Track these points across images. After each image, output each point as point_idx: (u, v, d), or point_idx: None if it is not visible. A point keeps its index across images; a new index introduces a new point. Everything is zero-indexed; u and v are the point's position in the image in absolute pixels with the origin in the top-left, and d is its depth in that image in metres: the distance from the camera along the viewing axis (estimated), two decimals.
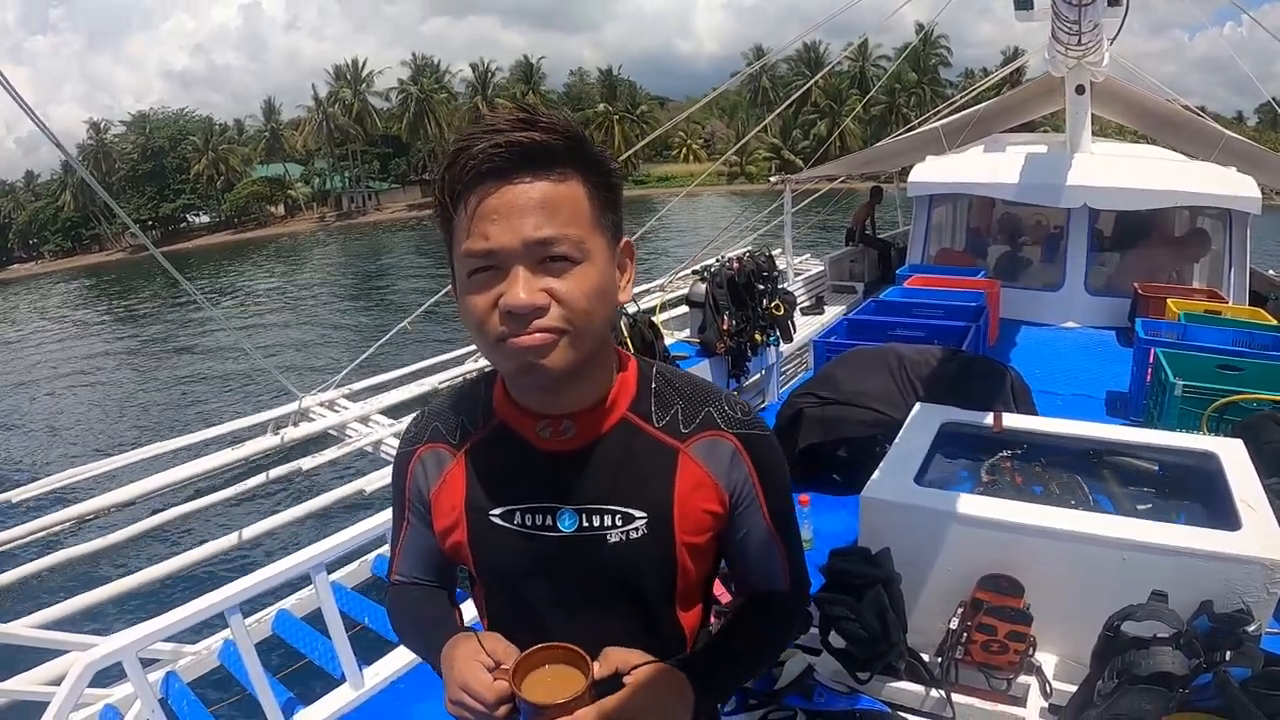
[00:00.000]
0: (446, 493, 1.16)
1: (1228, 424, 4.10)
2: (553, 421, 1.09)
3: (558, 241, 0.93)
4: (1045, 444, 3.26)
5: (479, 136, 0.93)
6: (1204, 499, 2.84)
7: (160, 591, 5.88)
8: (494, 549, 1.13)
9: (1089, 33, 5.85)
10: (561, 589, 1.12)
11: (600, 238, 0.99)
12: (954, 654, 2.46)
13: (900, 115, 55.39)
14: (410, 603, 1.28)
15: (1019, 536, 2.53)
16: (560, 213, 0.94)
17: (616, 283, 1.04)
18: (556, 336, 0.95)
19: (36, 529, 5.47)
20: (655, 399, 1.14)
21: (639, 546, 1.09)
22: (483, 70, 72.39)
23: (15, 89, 3.87)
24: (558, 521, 1.10)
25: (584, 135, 0.98)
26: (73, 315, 33.80)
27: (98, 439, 14.00)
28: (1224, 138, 8.17)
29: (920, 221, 9.19)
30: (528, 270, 0.93)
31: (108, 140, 67.04)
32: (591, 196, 0.98)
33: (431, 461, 1.18)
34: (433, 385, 7.69)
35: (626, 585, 1.12)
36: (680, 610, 1.19)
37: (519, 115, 0.94)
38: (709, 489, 1.11)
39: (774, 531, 1.19)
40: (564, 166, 0.95)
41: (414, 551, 1.27)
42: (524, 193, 0.93)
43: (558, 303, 0.94)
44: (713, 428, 1.12)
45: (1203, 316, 6.01)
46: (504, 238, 0.92)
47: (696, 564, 1.15)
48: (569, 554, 1.10)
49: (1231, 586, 2.24)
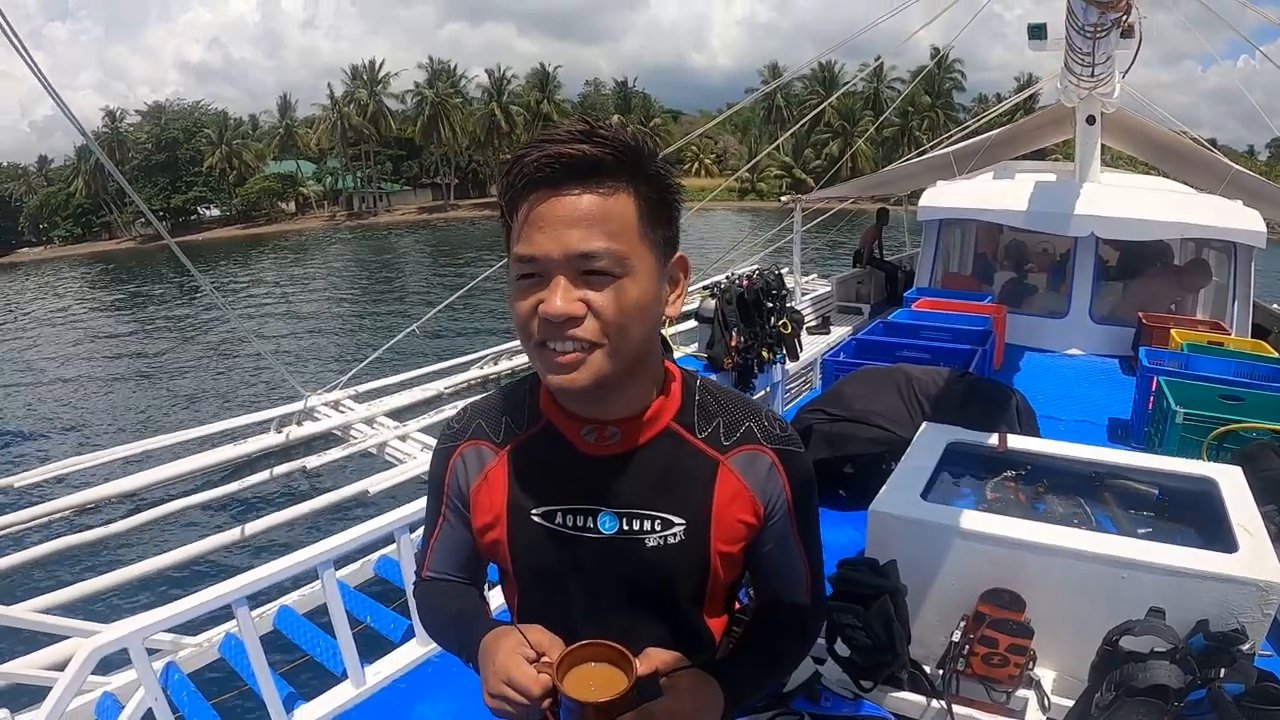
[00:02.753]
0: (487, 490, 1.19)
1: (1227, 452, 4.16)
2: (598, 427, 1.12)
3: (598, 256, 0.96)
4: (1048, 465, 3.31)
5: (538, 145, 0.97)
6: (1202, 523, 2.89)
7: (160, 583, 5.91)
8: (533, 548, 1.16)
9: (1101, 64, 5.94)
10: (597, 589, 1.16)
11: (647, 252, 1.01)
12: (955, 666, 2.51)
13: (913, 138, 55.51)
14: (444, 597, 1.29)
15: (1022, 553, 2.59)
16: (604, 226, 0.96)
17: (662, 297, 1.06)
18: (588, 352, 0.99)
19: (39, 515, 5.49)
20: (699, 411, 1.17)
21: (676, 552, 1.13)
22: (498, 77, 72.47)
23: (43, 73, 3.93)
24: (598, 524, 1.13)
25: (641, 149, 1.00)
26: (81, 302, 33.86)
27: (102, 427, 14.07)
28: (1231, 171, 8.24)
29: (929, 245, 9.26)
30: (568, 280, 0.97)
31: (122, 129, 67.08)
32: (641, 211, 1.00)
33: (473, 458, 1.21)
34: (438, 389, 7.74)
35: (660, 588, 1.15)
36: (707, 615, 1.22)
37: (577, 127, 0.97)
38: (746, 500, 1.15)
39: (801, 546, 1.23)
40: (614, 180, 0.98)
41: (448, 548, 1.28)
42: (571, 204, 0.96)
43: (594, 314, 0.97)
44: (753, 442, 1.16)
45: (1205, 347, 6.08)
46: (548, 247, 0.96)
47: (727, 571, 1.18)
48: (607, 556, 1.13)
49: (1227, 607, 2.31)
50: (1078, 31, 5.18)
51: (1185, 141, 9.39)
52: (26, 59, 3.74)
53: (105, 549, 6.34)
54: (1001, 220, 8.45)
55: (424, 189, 76.67)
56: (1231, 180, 8.10)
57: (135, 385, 17.44)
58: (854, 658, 2.44)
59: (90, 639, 2.85)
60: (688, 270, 1.12)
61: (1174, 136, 9.36)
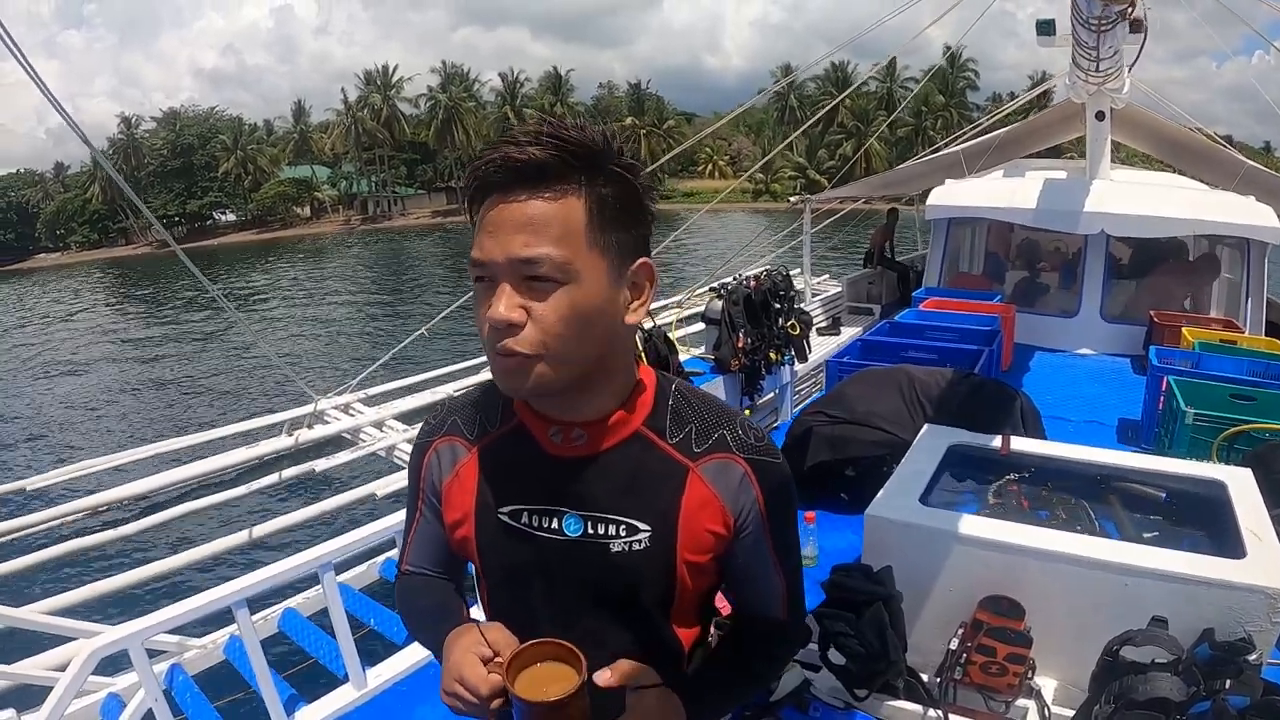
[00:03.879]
0: (458, 487, 1.19)
1: (1238, 453, 4.09)
2: (564, 428, 1.10)
3: (539, 262, 0.94)
4: (1052, 468, 3.26)
5: (492, 148, 0.96)
6: (1210, 527, 2.84)
7: (169, 585, 5.94)
8: (500, 546, 1.15)
9: (1108, 59, 5.87)
10: (562, 591, 1.14)
11: (596, 258, 0.98)
12: (953, 674, 2.46)
13: (926, 137, 55.27)
14: (418, 591, 1.30)
15: (1021, 559, 2.54)
16: (547, 232, 0.94)
17: (616, 304, 1.03)
18: (529, 359, 0.97)
19: (51, 517, 5.51)
20: (671, 416, 1.14)
21: (641, 558, 1.10)
22: (511, 80, 72.90)
23: (46, 85, 3.94)
24: (563, 525, 1.11)
25: (599, 152, 0.97)
26: (96, 307, 34.18)
27: (116, 430, 14.18)
28: (1244, 167, 8.15)
29: (938, 245, 9.20)
30: (512, 287, 0.96)
31: (138, 135, 67.87)
32: (592, 216, 0.97)
33: (447, 454, 1.21)
34: (447, 393, 7.69)
35: (626, 594, 1.13)
36: (677, 625, 1.20)
37: (532, 129, 0.95)
38: (715, 510, 1.11)
39: (776, 560, 1.20)
40: (564, 183, 0.95)
41: (424, 542, 1.29)
42: (516, 210, 0.94)
43: (533, 322, 0.96)
44: (725, 450, 1.12)
45: (1218, 346, 6.00)
46: (494, 252, 0.95)
47: (696, 581, 1.15)
48: (572, 558, 1.11)
49: (1234, 615, 2.24)
50: (1083, 25, 5.13)
51: (1198, 137, 9.30)
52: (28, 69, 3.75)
53: (117, 551, 6.40)
54: (1010, 219, 8.38)
55: (438, 193, 76.99)
56: (1245, 176, 8.00)
57: (148, 389, 17.56)
58: (848, 666, 2.38)
59: (90, 640, 2.86)
60: (653, 276, 1.07)
61: (1186, 132, 9.26)
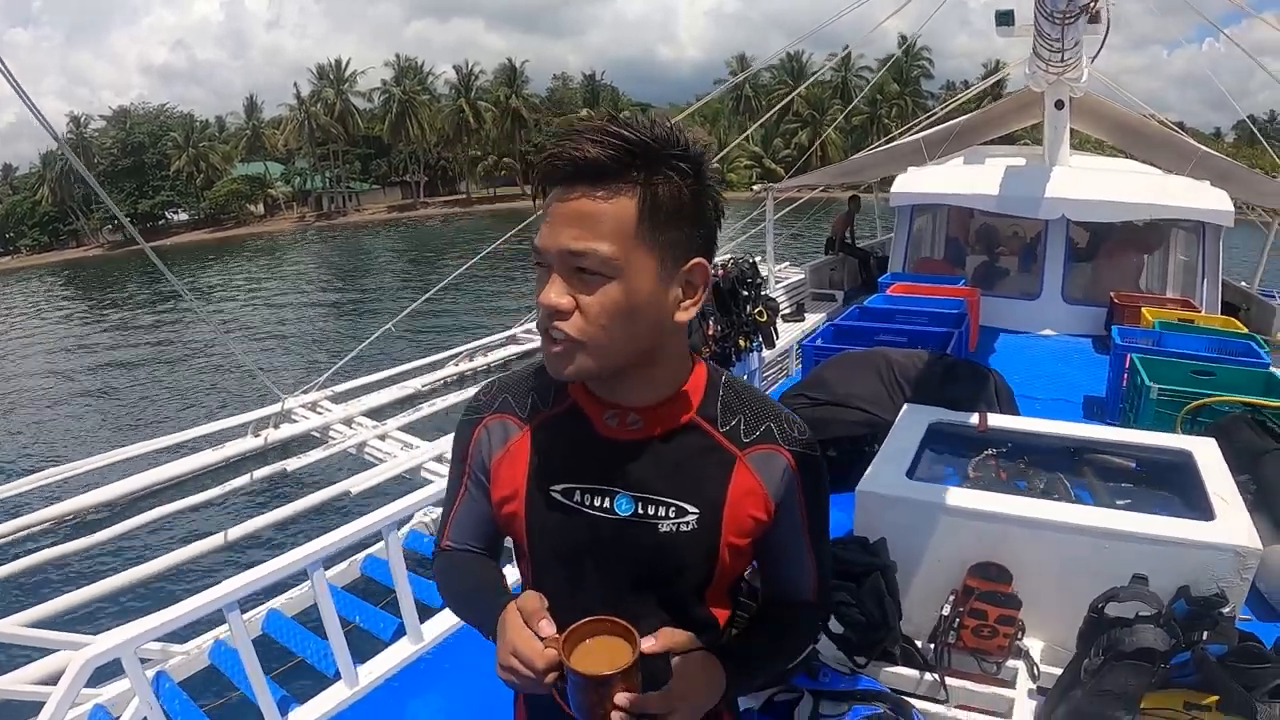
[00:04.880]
0: (509, 463, 1.22)
1: (1201, 425, 4.21)
2: (620, 412, 1.16)
3: (585, 256, 1.00)
4: (1028, 443, 3.36)
5: (557, 142, 1.01)
6: (1180, 493, 2.96)
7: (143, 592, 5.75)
8: (549, 523, 1.19)
9: (1070, 50, 6.02)
10: (609, 569, 1.18)
11: (645, 256, 1.02)
12: (946, 639, 2.56)
13: (882, 126, 55.80)
14: (464, 568, 1.32)
15: (1007, 526, 2.64)
16: (596, 228, 0.99)
17: (664, 300, 1.07)
18: (569, 347, 1.04)
19: (14, 529, 5.34)
20: (721, 407, 1.20)
21: (687, 539, 1.16)
22: (466, 73, 72.14)
23: (18, 82, 3.88)
24: (615, 505, 1.16)
25: (657, 154, 1.01)
26: (50, 312, 33.35)
27: (76, 438, 13.87)
28: (1198, 153, 8.38)
29: (902, 231, 9.32)
30: (562, 276, 1.02)
31: (88, 134, 66.14)
32: (644, 215, 1.01)
33: (498, 431, 1.24)
34: (415, 388, 7.68)
35: (670, 573, 1.18)
36: (712, 604, 1.25)
37: (597, 125, 1.00)
38: (759, 497, 1.18)
39: (810, 545, 1.27)
40: (619, 181, 0.99)
41: (468, 519, 1.31)
42: (571, 204, 1.00)
43: (580, 312, 1.02)
44: (772, 442, 1.19)
45: (1177, 325, 6.17)
46: (548, 241, 1.02)
47: (734, 563, 1.21)
48: (621, 537, 1.16)
49: (1208, 572, 2.37)
50: (1047, 18, 5.26)
51: (1153, 124, 9.54)
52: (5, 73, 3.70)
53: (84, 561, 6.21)
54: (975, 205, 8.53)
55: (393, 187, 76.25)
56: (1199, 162, 8.23)
57: (108, 393, 17.22)
58: (848, 634, 2.47)
59: (82, 650, 2.82)
60: (707, 277, 1.12)
61: (1141, 119, 9.50)
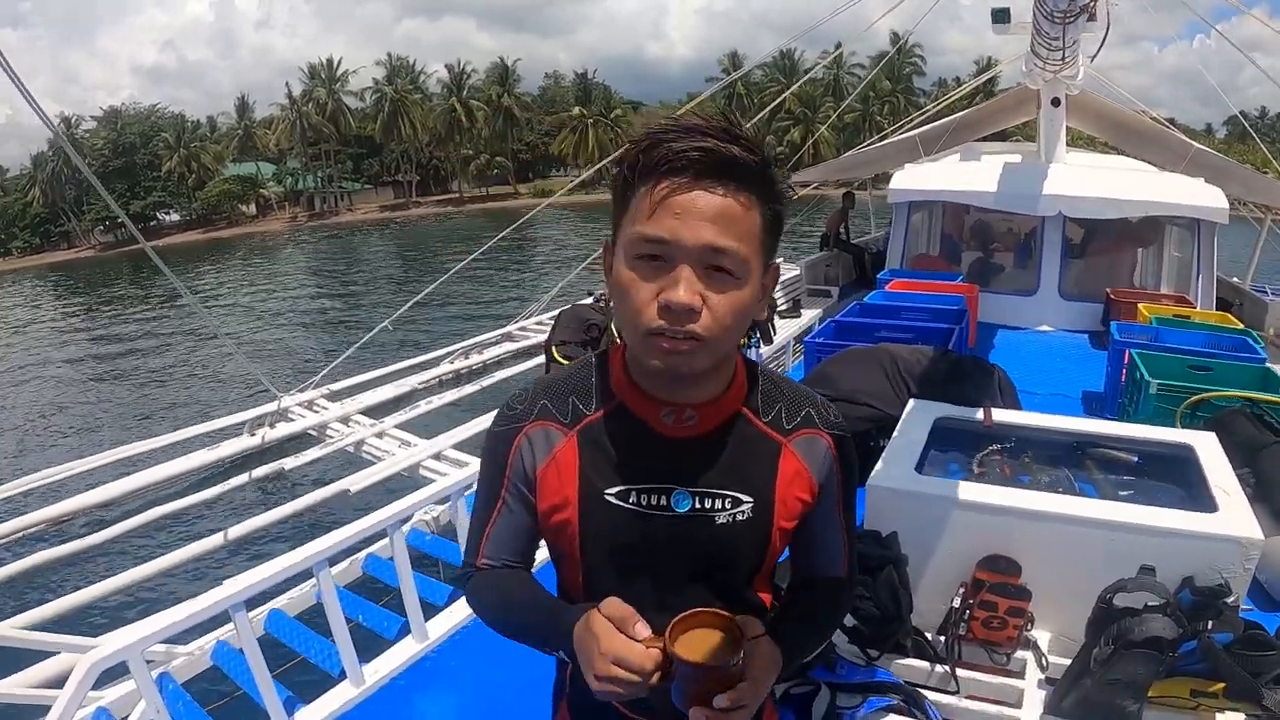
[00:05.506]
0: (555, 472, 1.20)
1: (1200, 419, 4.27)
2: (677, 409, 1.17)
3: (728, 254, 1.00)
4: (1033, 438, 3.40)
5: (679, 134, 1.00)
6: (1182, 486, 3.01)
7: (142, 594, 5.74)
8: (605, 528, 1.19)
9: (1069, 49, 6.07)
10: (665, 566, 1.20)
11: (759, 263, 1.06)
12: (957, 631, 2.60)
13: (874, 123, 55.75)
14: (512, 586, 1.27)
15: (1016, 520, 2.68)
16: (737, 228, 1.01)
17: (761, 304, 1.12)
18: (696, 346, 1.03)
19: (10, 531, 5.34)
20: (762, 397, 1.24)
21: (743, 528, 1.19)
22: (458, 72, 72.06)
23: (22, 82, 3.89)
24: (673, 502, 1.18)
25: (771, 162, 1.05)
26: (42, 313, 33.22)
27: (71, 439, 13.86)
28: (1192, 150, 8.45)
29: (899, 227, 9.35)
30: (693, 272, 1.01)
31: (79, 135, 65.68)
32: (765, 221, 1.05)
33: (540, 439, 1.22)
34: (411, 385, 7.72)
35: (724, 563, 1.21)
36: (759, 589, 1.29)
37: (722, 125, 1.01)
38: (805, 480, 1.23)
39: (843, 522, 1.32)
40: (749, 185, 1.02)
41: (507, 534, 1.28)
42: (711, 200, 1.00)
43: (708, 310, 1.02)
44: (812, 426, 1.24)
45: (1173, 320, 6.23)
46: (683, 234, 0.99)
47: (781, 546, 1.26)
48: (679, 533, 1.18)
49: (1211, 563, 2.42)
50: (1047, 17, 5.29)
51: (1146, 121, 9.62)
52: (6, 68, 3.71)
53: (82, 562, 6.15)
54: (972, 201, 8.56)
55: (385, 187, 76.08)
56: (1192, 158, 8.29)
57: (103, 395, 17.19)
58: (860, 628, 2.52)
59: (89, 653, 2.80)
60: (777, 278, 1.18)
61: (1135, 116, 9.57)
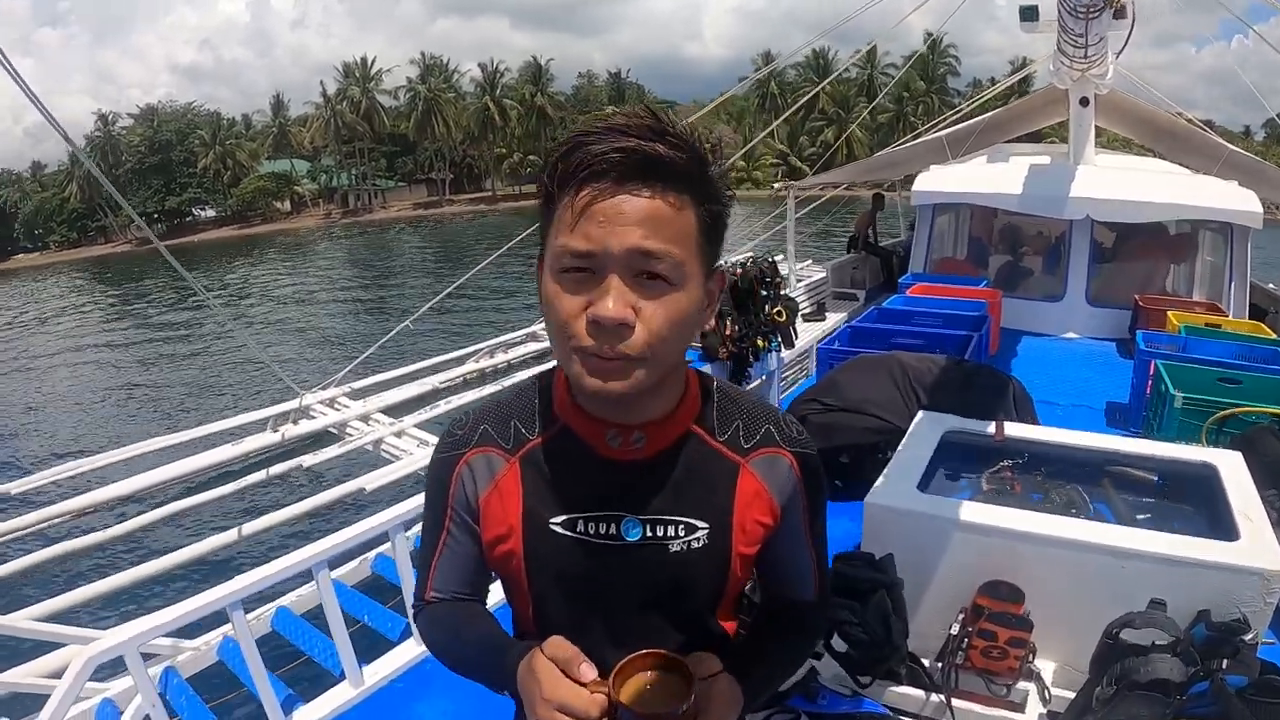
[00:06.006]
0: (499, 500, 1.13)
1: (1227, 436, 4.13)
2: (623, 431, 1.08)
3: (660, 258, 0.91)
4: (1046, 454, 3.29)
5: (601, 134, 0.91)
6: (1202, 510, 2.88)
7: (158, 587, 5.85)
8: (551, 559, 1.11)
9: (1094, 45, 5.90)
10: (618, 597, 1.12)
11: (699, 267, 0.97)
12: (954, 659, 2.48)
13: (908, 123, 55.29)
14: (459, 621, 1.21)
15: (1020, 544, 2.57)
16: (667, 230, 0.92)
17: (705, 311, 1.03)
18: (630, 363, 0.93)
19: (34, 522, 5.38)
20: (718, 414, 1.15)
21: (699, 556, 1.10)
22: (491, 70, 72.41)
23: (26, 83, 3.88)
24: (622, 531, 1.09)
25: (707, 158, 0.96)
26: (76, 307, 33.75)
27: (98, 431, 14.00)
28: (1226, 152, 8.21)
29: (923, 230, 9.22)
30: (622, 281, 0.91)
31: (115, 132, 67.00)
32: (701, 221, 0.96)
33: (482, 466, 1.14)
34: (433, 385, 7.69)
35: (681, 593, 1.13)
36: (722, 618, 1.21)
37: (648, 122, 0.92)
38: (764, 501, 1.13)
39: (811, 545, 1.23)
40: (680, 185, 0.93)
41: (453, 566, 1.21)
42: (637, 202, 0.90)
43: (642, 323, 0.92)
44: (772, 444, 1.15)
45: (1203, 329, 6.05)
46: (608, 241, 0.90)
47: (744, 573, 1.17)
48: (631, 563, 1.10)
49: (1229, 596, 2.28)
50: (1070, 12, 5.15)
51: (1180, 122, 9.36)
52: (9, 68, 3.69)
53: (102, 554, 6.28)
54: (996, 204, 8.43)
55: (419, 184, 76.58)
56: (1227, 161, 8.06)
57: (131, 388, 17.38)
58: (851, 654, 2.41)
59: (86, 647, 2.82)
60: (723, 285, 1.10)
61: (1168, 117, 9.32)
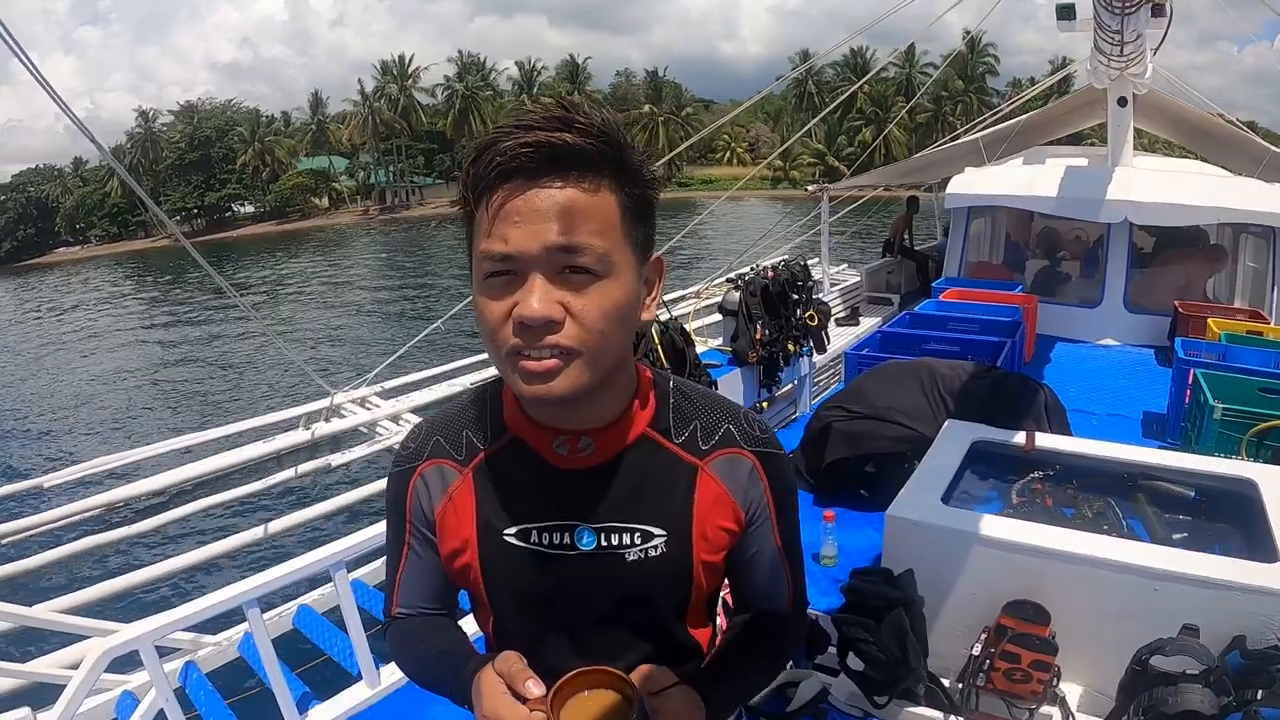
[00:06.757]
0: (453, 512, 1.10)
1: (1268, 449, 3.99)
2: (570, 438, 1.04)
3: (581, 251, 0.88)
4: (1078, 466, 3.20)
5: (510, 132, 0.88)
6: (1241, 528, 2.77)
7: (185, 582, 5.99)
8: (507, 570, 1.08)
9: (1131, 43, 5.75)
10: (577, 609, 1.09)
11: (628, 252, 0.93)
12: (975, 681, 2.40)
13: (946, 123, 54.87)
14: (422, 636, 1.19)
15: (1047, 562, 2.48)
16: (588, 221, 0.88)
17: (641, 300, 0.99)
18: (565, 360, 0.90)
19: (66, 514, 5.51)
20: (674, 415, 1.10)
21: (658, 564, 1.06)
22: (528, 69, 73.01)
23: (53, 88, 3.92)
24: (576, 540, 1.06)
25: (623, 140, 0.92)
26: (115, 301, 34.42)
27: (132, 426, 14.26)
28: (1269, 153, 7.98)
29: (958, 233, 9.06)
30: (545, 279, 0.88)
31: (156, 129, 68.32)
32: (623, 207, 0.92)
33: (435, 479, 1.12)
34: (464, 385, 7.70)
35: (642, 603, 1.09)
36: (691, 626, 1.17)
37: (555, 113, 0.88)
38: (727, 506, 1.09)
39: (782, 552, 1.17)
40: (597, 173, 0.89)
41: (418, 578, 1.19)
42: (550, 196, 0.87)
43: (573, 318, 0.89)
44: (733, 445, 1.09)
45: (1244, 337, 5.86)
46: (524, 242, 0.87)
47: (710, 581, 1.12)
48: (586, 573, 1.06)
49: (1266, 621, 2.17)
50: (1106, 8, 5.01)
51: (1221, 123, 9.13)
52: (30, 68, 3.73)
53: (133, 547, 6.41)
54: (1031, 207, 8.26)
55: (456, 182, 76.72)
56: (1269, 163, 7.84)
57: (164, 384, 17.68)
58: (866, 672, 2.34)
59: (103, 640, 2.87)
60: (663, 272, 1.04)
61: (1209, 118, 9.10)
